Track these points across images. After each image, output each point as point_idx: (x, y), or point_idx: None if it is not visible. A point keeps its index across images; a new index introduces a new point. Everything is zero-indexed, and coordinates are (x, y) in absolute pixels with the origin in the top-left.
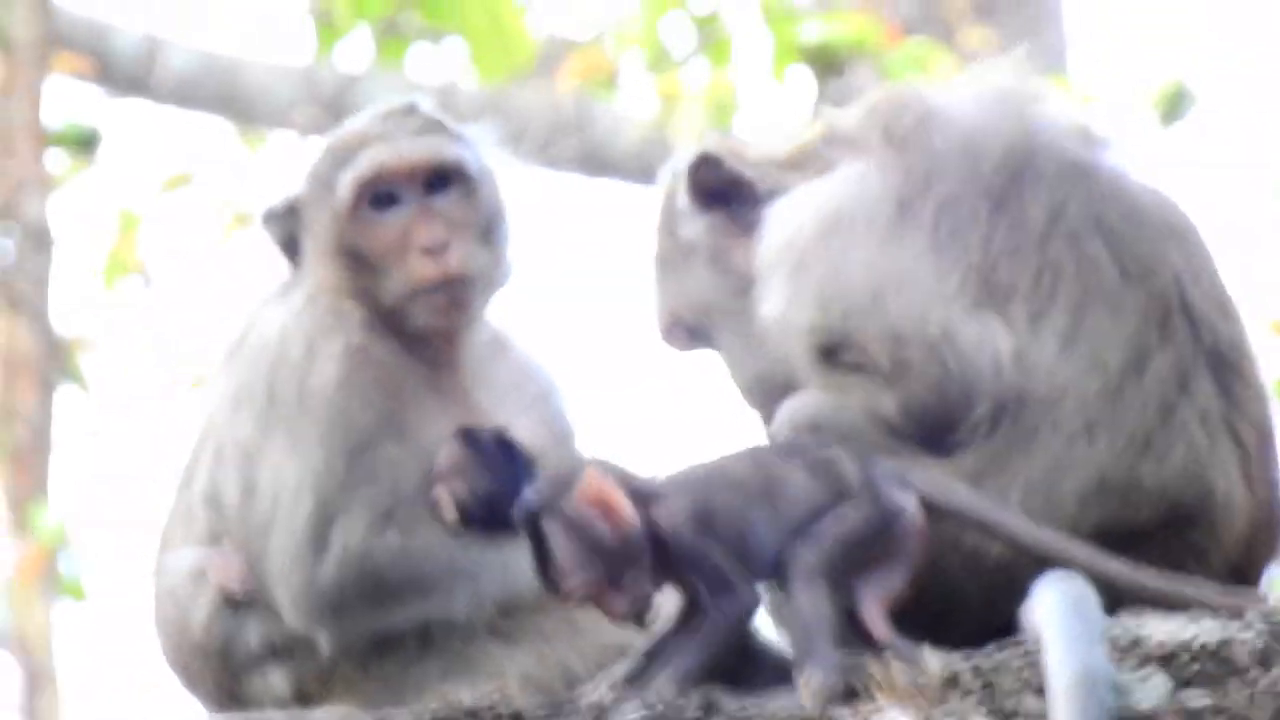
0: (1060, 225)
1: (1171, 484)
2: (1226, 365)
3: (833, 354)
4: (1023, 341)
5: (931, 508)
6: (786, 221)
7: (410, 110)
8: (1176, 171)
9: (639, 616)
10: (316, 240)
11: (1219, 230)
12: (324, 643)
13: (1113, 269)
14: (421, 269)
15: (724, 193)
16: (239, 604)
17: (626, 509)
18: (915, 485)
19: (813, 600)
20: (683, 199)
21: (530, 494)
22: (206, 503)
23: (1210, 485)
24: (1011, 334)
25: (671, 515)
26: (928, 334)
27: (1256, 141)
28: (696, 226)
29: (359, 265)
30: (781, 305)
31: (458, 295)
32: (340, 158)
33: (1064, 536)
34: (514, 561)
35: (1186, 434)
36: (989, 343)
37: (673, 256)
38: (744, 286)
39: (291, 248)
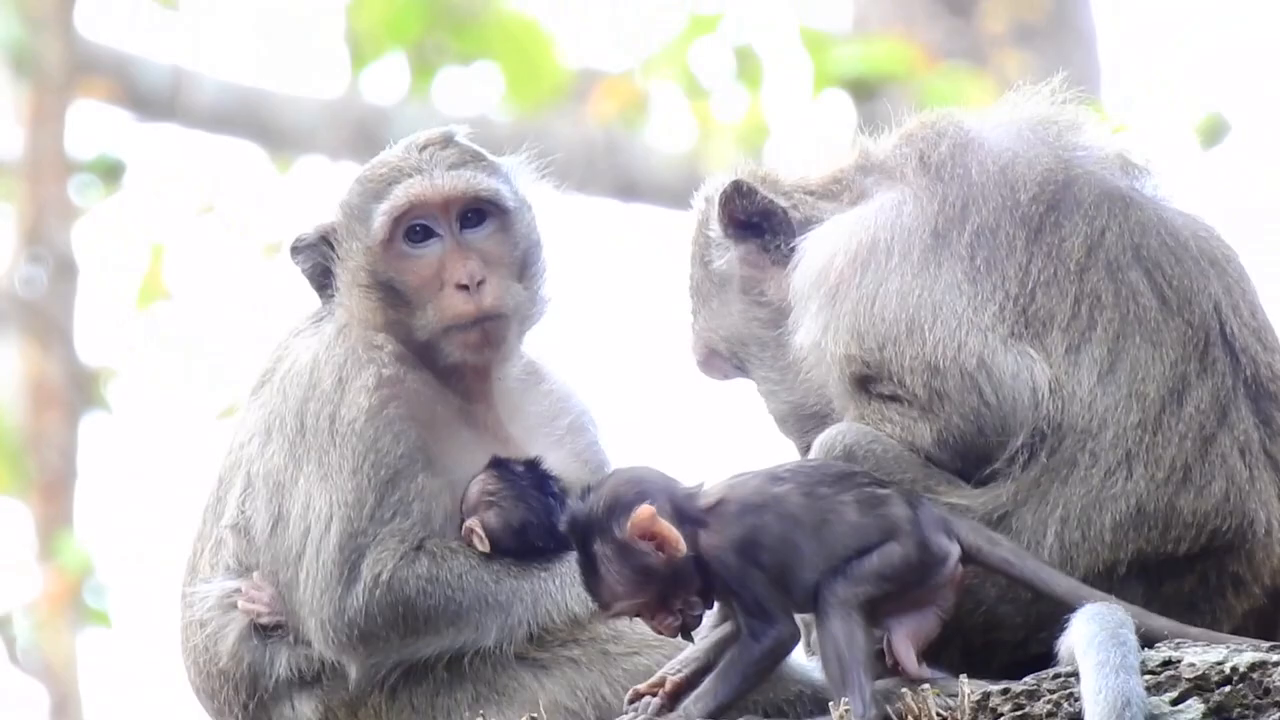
0: (1098, 255)
1: (1211, 515)
2: (1266, 395)
3: (869, 383)
4: (1060, 371)
5: (974, 559)
6: (821, 251)
7: (446, 141)
8: (1213, 198)
9: (687, 631)
10: (348, 272)
11: (1256, 257)
12: (354, 671)
13: (1152, 298)
14: (455, 305)
15: (756, 223)
16: (268, 632)
17: (677, 542)
18: (961, 535)
19: (848, 631)
20: (715, 229)
21: (583, 513)
22: (235, 532)
23: (1251, 516)
24: (1049, 364)
25: (719, 542)
26: (964, 364)
27: None
28: (729, 256)
29: (392, 298)
30: (816, 334)
31: (491, 332)
32: (374, 190)
33: (1104, 594)
34: (545, 593)
35: (1227, 466)
36: (1026, 373)
37: (706, 287)
38: (778, 317)
39: (321, 278)
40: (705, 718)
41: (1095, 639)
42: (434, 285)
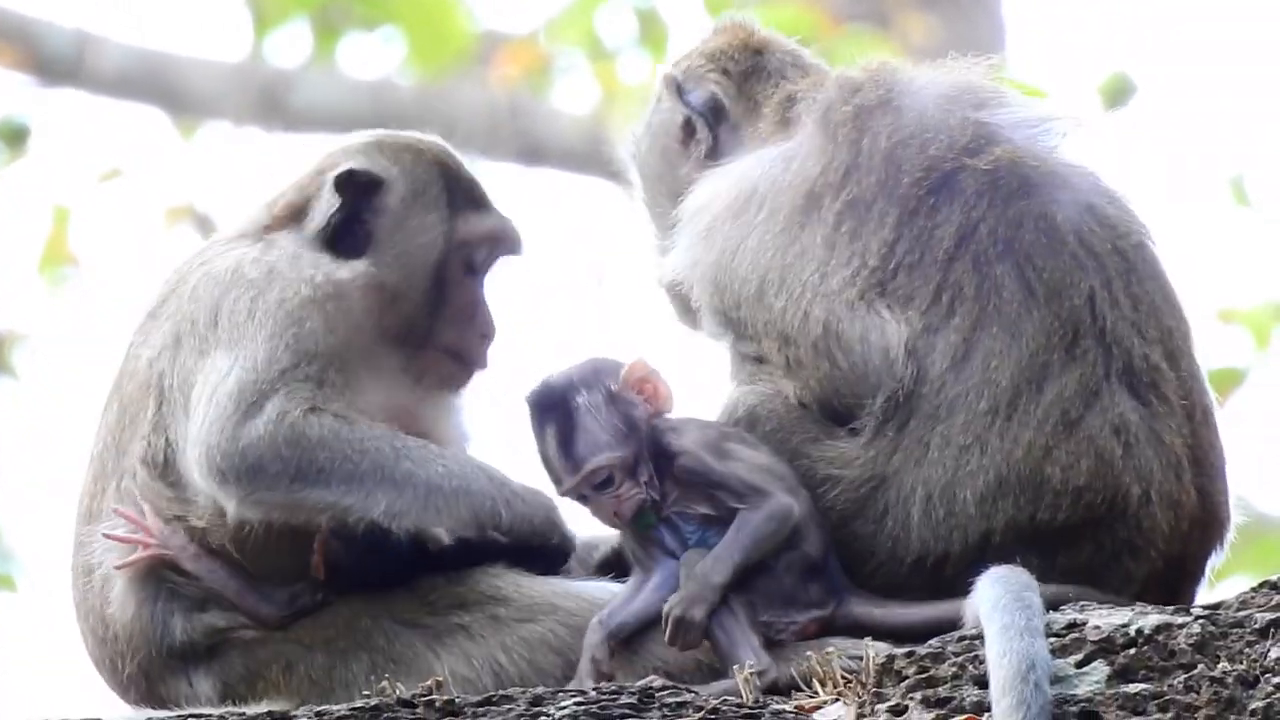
0: (967, 246)
1: (1084, 489)
2: (1143, 382)
3: (735, 341)
4: (918, 344)
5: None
6: (709, 187)
7: None
8: (1116, 160)
9: (641, 517)
10: (403, 238)
11: (1159, 219)
12: (231, 508)
13: (1018, 291)
14: (471, 347)
15: (697, 110)
16: (160, 582)
17: (668, 394)
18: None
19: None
20: (667, 93)
21: (563, 375)
22: (146, 465)
23: (1124, 489)
24: (905, 327)
25: (689, 446)
26: (811, 332)
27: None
28: (668, 118)
29: (427, 290)
30: (683, 268)
31: (471, 380)
32: (470, 194)
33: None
34: (438, 490)
35: (1095, 445)
36: (877, 333)
37: (647, 125)
38: (678, 195)
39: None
40: (718, 568)
41: (1000, 602)
42: (464, 314)
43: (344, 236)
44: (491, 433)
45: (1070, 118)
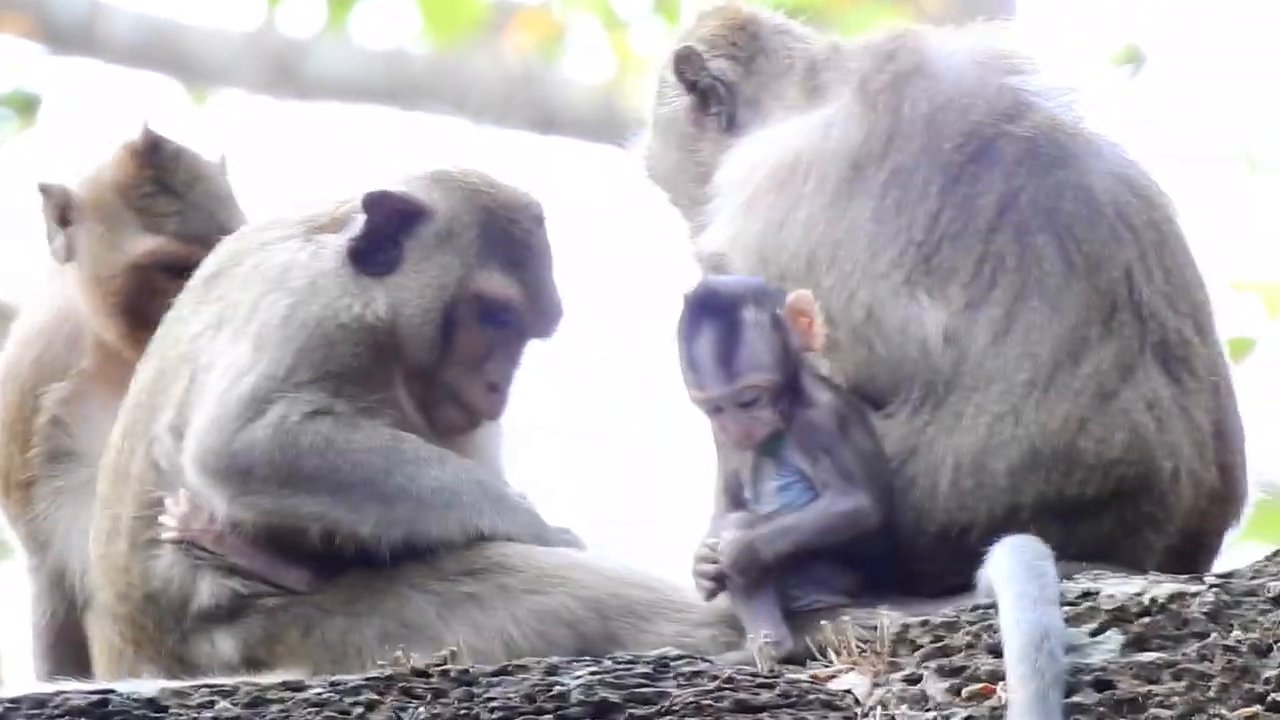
0: (1009, 215)
1: (1116, 462)
2: (1174, 357)
3: None
4: (959, 326)
5: None
6: (746, 157)
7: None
8: (1131, 129)
9: (772, 440)
10: (424, 270)
11: (1174, 190)
12: (221, 506)
13: (1058, 263)
14: (476, 397)
15: (706, 87)
16: (193, 554)
17: (820, 334)
18: None
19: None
20: (670, 76)
21: (731, 284)
22: (173, 434)
23: (1157, 464)
24: (944, 313)
25: (825, 400)
26: (853, 316)
27: (1208, 99)
28: (676, 105)
29: (437, 327)
30: (724, 242)
31: (475, 426)
32: (507, 253)
33: None
34: (428, 506)
35: (1129, 419)
36: (916, 326)
37: (655, 123)
38: (708, 176)
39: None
40: (776, 537)
41: (1014, 571)
42: (472, 362)
43: (376, 252)
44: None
45: (1097, 85)
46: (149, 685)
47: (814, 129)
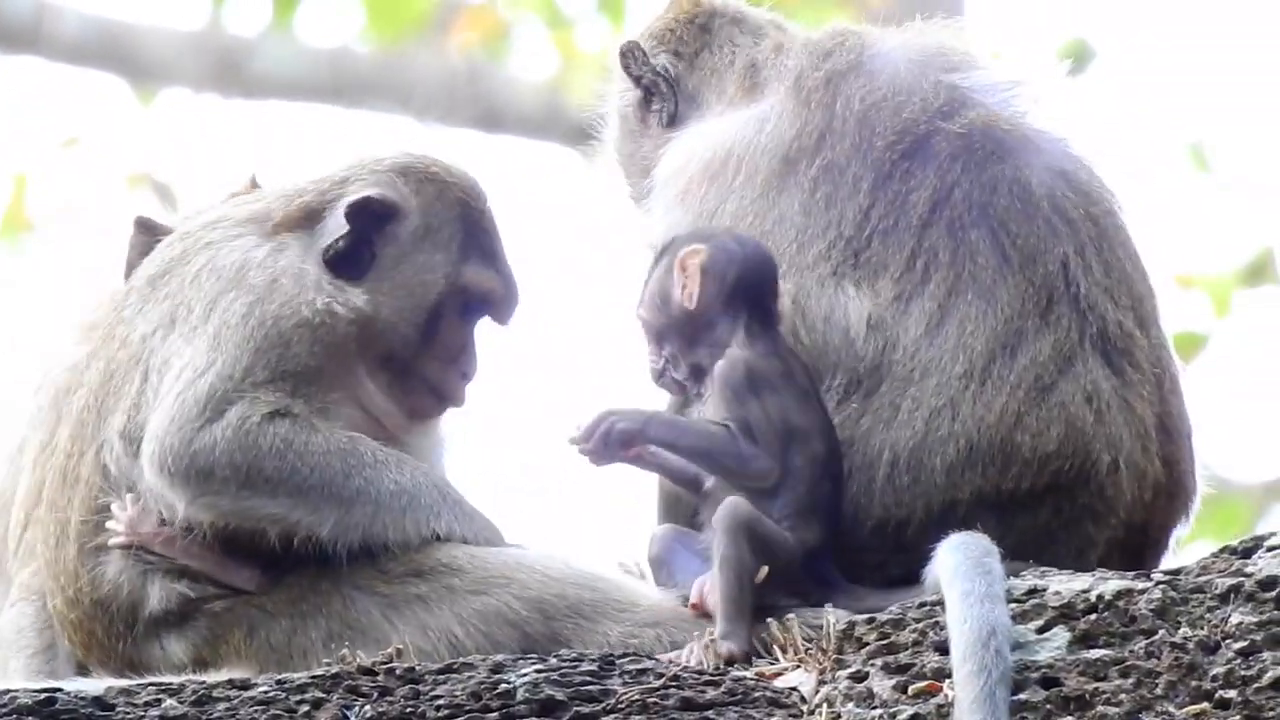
0: (943, 211)
1: (1052, 456)
2: (1116, 349)
3: None
4: (886, 314)
5: None
6: (681, 150)
7: None
8: (1077, 125)
9: (665, 379)
10: (405, 270)
11: (1119, 185)
12: (180, 507)
13: (993, 257)
14: (450, 385)
15: (649, 82)
16: (141, 559)
17: (690, 295)
18: None
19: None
20: (620, 73)
21: (686, 232)
22: (124, 440)
23: (1094, 457)
24: (870, 304)
25: (742, 356)
26: (780, 305)
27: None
28: (625, 99)
29: (420, 326)
30: (661, 232)
31: (441, 414)
32: (484, 244)
33: None
34: (386, 508)
35: (1067, 411)
36: (840, 315)
37: (611, 118)
38: (648, 170)
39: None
40: (652, 436)
41: (960, 568)
42: (448, 353)
43: (348, 256)
44: (468, 459)
45: (1040, 82)
46: (95, 684)
47: (748, 124)
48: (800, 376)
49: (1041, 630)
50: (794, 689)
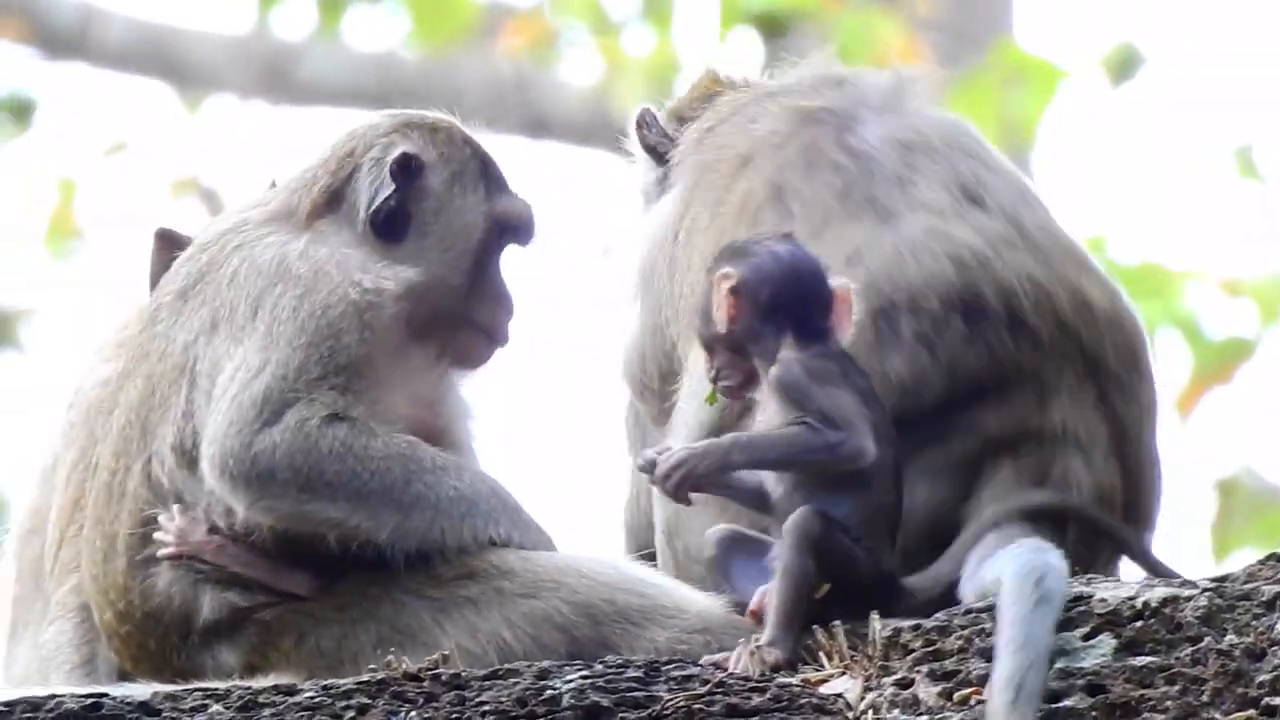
0: None
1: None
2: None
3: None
4: None
5: None
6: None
7: None
8: (1127, 131)
9: (725, 390)
10: (444, 219)
11: (1168, 188)
12: (240, 510)
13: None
14: (499, 324)
15: (662, 152)
16: (193, 570)
17: (720, 320)
18: None
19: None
20: (635, 143)
21: (742, 241)
22: (176, 452)
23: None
24: None
25: (786, 359)
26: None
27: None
28: (645, 175)
29: (468, 272)
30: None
31: (493, 355)
32: (499, 174)
33: None
34: (445, 515)
35: None
36: None
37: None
38: None
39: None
40: (736, 460)
41: (1020, 589)
42: (494, 291)
43: (386, 221)
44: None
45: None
46: (142, 689)
47: (667, 202)
48: (857, 378)
49: (1087, 637)
50: (839, 696)
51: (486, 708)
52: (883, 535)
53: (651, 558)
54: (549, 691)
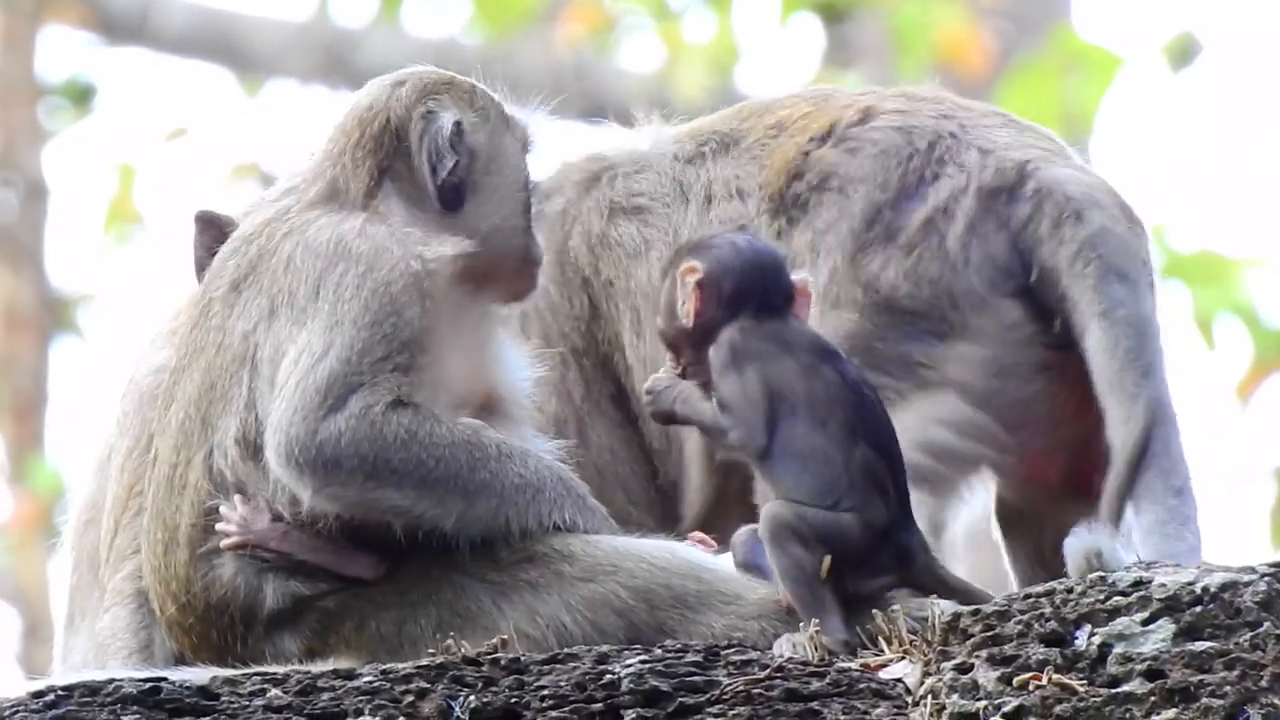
0: None
1: None
2: None
3: None
4: None
5: None
6: None
7: None
8: (1185, 119)
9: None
10: (495, 175)
11: (1226, 176)
12: (306, 498)
13: None
14: (538, 247)
15: None
16: (256, 560)
17: (688, 313)
18: None
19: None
20: None
21: (701, 235)
22: (240, 445)
23: None
24: None
25: (723, 339)
26: None
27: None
28: None
29: (523, 214)
30: None
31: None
32: (501, 104)
33: None
34: (510, 502)
35: None
36: None
37: None
38: None
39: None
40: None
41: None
42: (528, 227)
43: (452, 191)
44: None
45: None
46: (200, 673)
47: None
48: (805, 350)
49: (1146, 622)
50: (899, 680)
51: (545, 692)
52: (871, 491)
53: None
54: (608, 676)
